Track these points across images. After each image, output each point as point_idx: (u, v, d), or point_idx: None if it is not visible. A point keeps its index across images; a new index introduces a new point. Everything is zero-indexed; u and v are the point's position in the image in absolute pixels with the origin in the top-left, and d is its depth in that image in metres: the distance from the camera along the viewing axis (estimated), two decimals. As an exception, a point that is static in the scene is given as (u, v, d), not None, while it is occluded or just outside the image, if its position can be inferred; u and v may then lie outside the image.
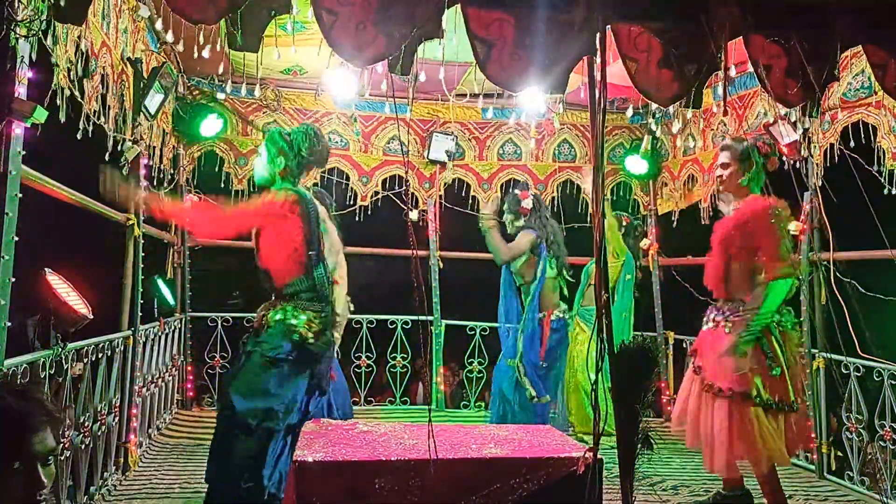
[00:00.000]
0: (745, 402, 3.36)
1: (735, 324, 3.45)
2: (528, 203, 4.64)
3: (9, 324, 2.55)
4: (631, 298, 5.47)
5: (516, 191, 4.76)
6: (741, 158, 3.58)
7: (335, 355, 3.61)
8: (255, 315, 3.20)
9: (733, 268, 3.55)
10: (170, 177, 5.37)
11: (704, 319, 3.71)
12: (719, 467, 3.46)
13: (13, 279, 2.57)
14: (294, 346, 3.10)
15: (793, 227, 4.22)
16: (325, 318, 3.14)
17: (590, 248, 2.69)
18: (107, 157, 3.76)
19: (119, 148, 3.90)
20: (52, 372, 3.10)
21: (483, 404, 6.38)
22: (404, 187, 6.19)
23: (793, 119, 4.44)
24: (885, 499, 4.11)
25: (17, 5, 2.42)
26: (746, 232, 3.49)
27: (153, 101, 4.12)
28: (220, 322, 6.19)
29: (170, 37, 3.20)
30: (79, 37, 3.02)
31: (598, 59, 2.63)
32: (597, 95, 2.63)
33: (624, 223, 5.67)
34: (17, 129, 2.54)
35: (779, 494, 3.51)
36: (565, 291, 5.11)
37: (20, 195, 2.60)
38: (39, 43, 2.60)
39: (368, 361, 6.34)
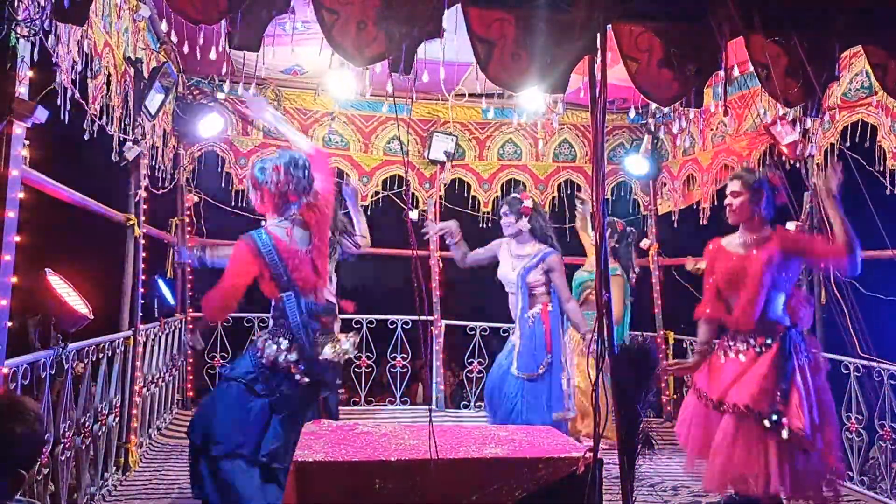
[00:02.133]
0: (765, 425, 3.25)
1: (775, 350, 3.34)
2: (529, 202, 4.62)
3: (9, 324, 2.56)
4: (629, 313, 5.45)
5: (516, 193, 4.73)
6: (752, 189, 3.46)
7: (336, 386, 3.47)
8: (255, 315, 3.20)
9: (774, 297, 3.41)
10: (170, 177, 5.38)
11: (723, 351, 3.49)
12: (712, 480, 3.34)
13: (13, 279, 2.57)
14: (255, 366, 3.12)
15: (791, 226, 4.21)
16: (296, 342, 3.15)
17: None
18: (111, 158, 3.76)
19: (120, 148, 3.90)
20: (53, 372, 3.10)
21: (483, 404, 6.36)
22: (404, 187, 6.20)
23: (791, 118, 4.44)
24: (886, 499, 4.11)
25: (17, 5, 2.42)
26: (796, 252, 3.44)
27: (153, 101, 4.13)
28: (220, 322, 6.19)
29: (173, 36, 3.20)
30: (81, 37, 3.02)
31: (599, 59, 2.62)
32: (597, 95, 2.63)
33: (617, 229, 5.59)
34: (18, 129, 2.54)
35: None
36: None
37: (21, 195, 2.61)
38: (41, 43, 2.60)
39: (368, 361, 6.34)
